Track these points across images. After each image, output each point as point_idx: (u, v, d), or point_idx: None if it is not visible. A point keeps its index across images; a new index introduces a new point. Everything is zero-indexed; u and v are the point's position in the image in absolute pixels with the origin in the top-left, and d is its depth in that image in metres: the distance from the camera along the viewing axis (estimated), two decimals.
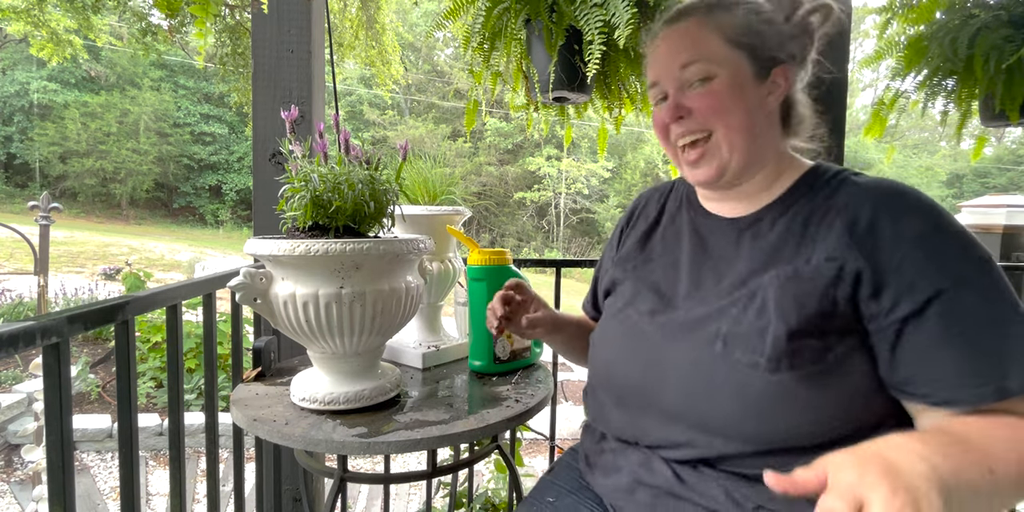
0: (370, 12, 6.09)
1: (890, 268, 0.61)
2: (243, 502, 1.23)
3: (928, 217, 0.62)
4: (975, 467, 0.50)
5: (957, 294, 0.58)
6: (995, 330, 0.57)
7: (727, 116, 0.69)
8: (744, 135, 0.70)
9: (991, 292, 0.59)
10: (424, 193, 1.20)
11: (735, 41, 0.69)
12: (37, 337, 0.67)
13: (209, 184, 19.51)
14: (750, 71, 0.69)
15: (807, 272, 0.64)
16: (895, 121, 1.68)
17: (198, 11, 0.97)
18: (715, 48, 0.69)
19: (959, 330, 0.58)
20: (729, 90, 0.69)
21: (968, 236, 0.62)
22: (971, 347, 0.57)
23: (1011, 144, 21.90)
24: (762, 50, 0.70)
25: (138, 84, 18.33)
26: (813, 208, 0.68)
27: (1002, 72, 1.33)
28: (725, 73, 0.69)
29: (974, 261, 0.60)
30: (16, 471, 3.84)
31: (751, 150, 0.71)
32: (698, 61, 0.69)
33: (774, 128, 0.73)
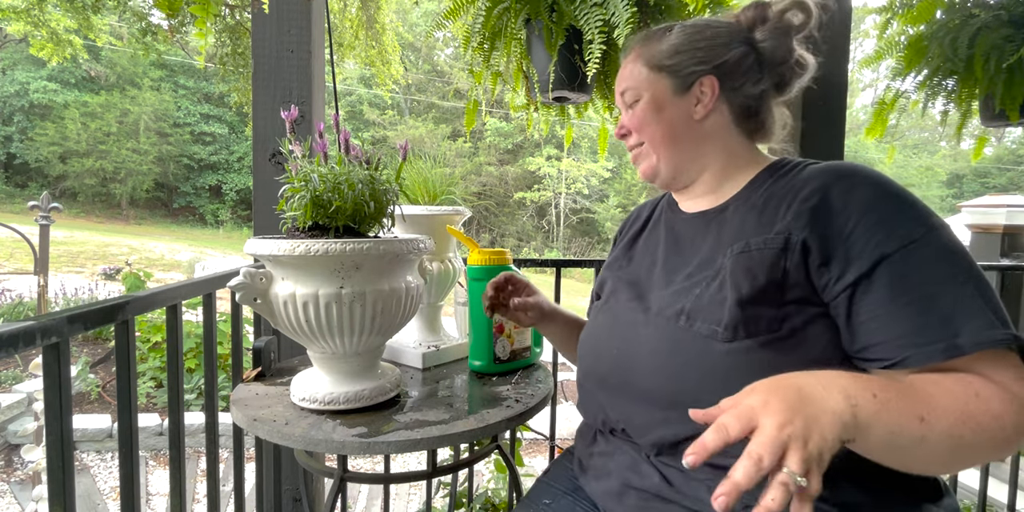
0: (370, 12, 6.09)
1: (837, 236, 0.63)
2: (243, 502, 1.23)
3: (876, 187, 0.64)
4: (904, 412, 0.51)
5: (905, 256, 0.60)
6: (945, 289, 0.58)
7: (648, 130, 0.79)
8: (666, 144, 0.79)
9: (941, 253, 0.59)
10: (424, 193, 1.20)
11: (656, 65, 0.78)
12: (37, 337, 0.67)
13: (209, 184, 19.51)
14: (669, 88, 0.78)
15: (756, 244, 0.67)
16: (895, 121, 1.68)
17: (198, 11, 0.97)
18: (639, 75, 0.80)
19: (907, 290, 0.59)
20: (648, 108, 0.79)
21: (917, 203, 0.63)
22: (920, 307, 0.58)
23: (1011, 144, 21.90)
24: (682, 68, 0.77)
25: (138, 84, 18.34)
26: (773, 192, 0.71)
27: (1002, 72, 1.33)
28: (647, 94, 0.79)
29: (923, 224, 0.61)
30: (16, 471, 3.84)
31: (676, 155, 0.79)
32: (628, 89, 0.81)
33: (716, 134, 0.78)
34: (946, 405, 0.52)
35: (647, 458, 0.72)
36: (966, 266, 0.59)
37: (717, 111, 0.78)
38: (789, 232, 0.65)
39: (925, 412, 0.51)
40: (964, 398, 0.53)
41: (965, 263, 0.59)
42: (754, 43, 0.77)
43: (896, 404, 0.51)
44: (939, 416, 0.52)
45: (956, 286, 0.58)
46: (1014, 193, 6.89)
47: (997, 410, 0.53)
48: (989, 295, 0.58)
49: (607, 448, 0.79)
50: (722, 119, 0.78)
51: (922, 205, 0.63)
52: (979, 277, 0.59)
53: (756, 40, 0.77)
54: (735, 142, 0.79)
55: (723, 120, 0.78)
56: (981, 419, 0.52)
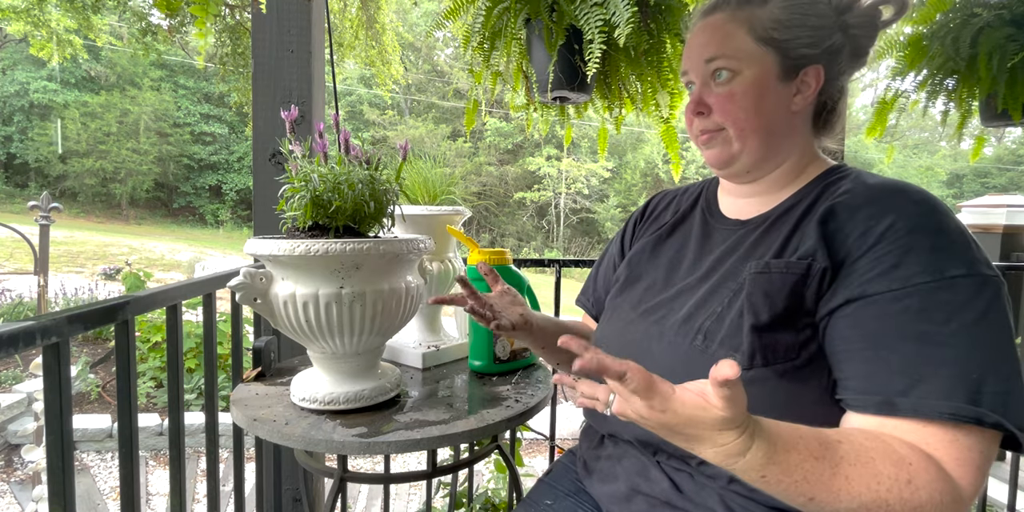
0: (370, 12, 6.09)
1: (847, 265, 0.59)
2: (243, 502, 1.23)
3: (911, 217, 0.57)
4: (792, 492, 0.50)
5: (888, 301, 0.55)
6: (911, 347, 0.53)
7: (742, 117, 0.68)
8: (757, 136, 0.68)
9: (934, 312, 0.53)
10: (424, 193, 1.20)
11: (763, 37, 0.66)
12: (37, 337, 0.66)
13: (209, 184, 19.51)
14: (776, 70, 0.67)
15: (778, 267, 0.62)
16: (895, 121, 1.67)
17: (198, 11, 0.97)
18: (740, 44, 0.67)
19: (867, 334, 0.56)
20: (749, 90, 0.67)
21: (953, 246, 0.56)
22: (876, 354, 0.55)
23: (1011, 144, 21.90)
24: (793, 48, 0.66)
25: (138, 84, 18.33)
26: (812, 208, 0.66)
27: (1005, 71, 1.33)
28: (749, 71, 0.67)
29: (936, 272, 0.54)
30: (16, 471, 3.84)
31: (763, 150, 0.69)
32: (721, 57, 0.68)
33: (800, 128, 0.70)
34: (856, 491, 0.49)
35: (657, 464, 0.70)
36: (954, 331, 0.52)
37: (810, 104, 0.70)
38: (812, 258, 0.61)
39: (818, 495, 0.49)
40: (889, 484, 0.49)
41: (957, 328, 0.53)
42: (847, 29, 0.68)
43: (785, 485, 0.49)
44: (836, 500, 0.49)
45: (924, 346, 0.53)
46: (1014, 193, 6.89)
47: (920, 501, 0.49)
48: (973, 367, 0.52)
49: (615, 452, 0.77)
50: (808, 113, 0.71)
51: (961, 249, 0.55)
52: (982, 346, 0.52)
53: (849, 25, 0.68)
54: (808, 140, 0.72)
55: (808, 114, 0.71)
56: (895, 508, 0.49)
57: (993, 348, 0.52)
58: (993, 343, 0.53)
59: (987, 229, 2.79)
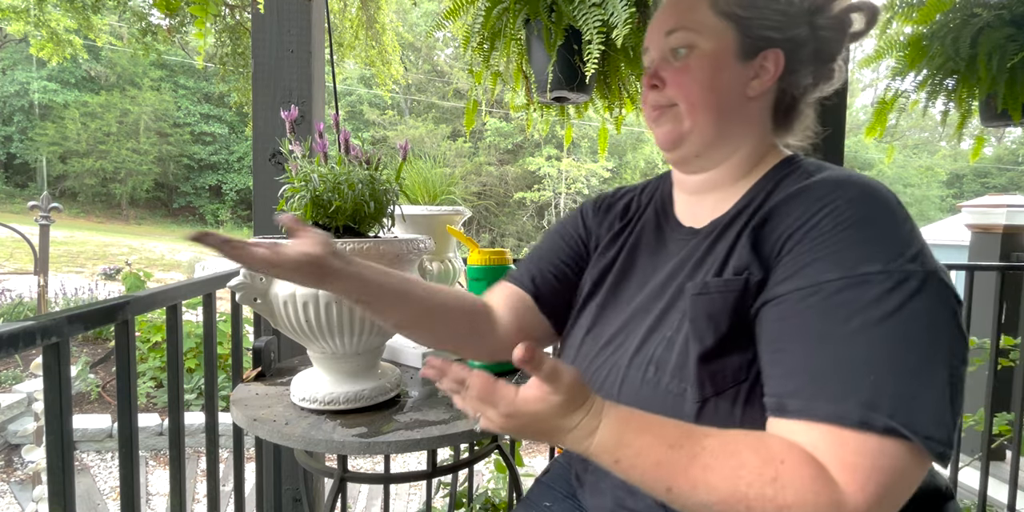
0: (370, 12, 6.09)
1: (771, 269, 0.56)
2: (243, 502, 1.23)
3: (840, 212, 0.54)
4: (648, 479, 0.49)
5: (794, 301, 0.53)
6: (806, 347, 0.51)
7: (693, 91, 0.65)
8: (707, 113, 0.65)
9: (837, 310, 0.50)
10: (424, 193, 1.20)
11: (725, 11, 0.64)
12: (37, 337, 0.66)
13: (209, 184, 19.52)
14: (734, 47, 0.64)
15: (717, 286, 0.59)
16: (895, 121, 1.68)
17: (198, 11, 0.97)
18: (701, 17, 0.65)
19: (771, 335, 0.54)
20: (704, 64, 0.64)
21: (880, 242, 0.51)
22: (775, 356, 0.53)
23: (1011, 144, 21.91)
24: (755, 26, 0.64)
25: (138, 84, 18.34)
26: (758, 212, 0.62)
27: (1005, 71, 1.33)
28: (706, 45, 0.64)
29: (847, 271, 0.51)
30: (16, 471, 3.84)
31: (713, 130, 0.66)
32: (681, 29, 0.66)
33: (756, 118, 0.67)
34: (714, 483, 0.47)
35: None
36: (867, 326, 0.48)
37: (767, 93, 0.67)
38: (748, 271, 0.57)
39: (675, 484, 0.48)
40: (751, 479, 0.47)
41: (870, 323, 0.48)
42: (815, 28, 0.66)
43: (640, 471, 0.49)
44: (694, 490, 0.48)
45: (827, 345, 0.49)
46: (1014, 193, 6.89)
47: (786, 501, 0.46)
48: (872, 367, 0.47)
49: (600, 465, 0.75)
50: (766, 104, 0.67)
51: (888, 244, 0.51)
52: (886, 345, 0.48)
53: (818, 26, 0.66)
54: (766, 133, 0.69)
55: (766, 104, 0.68)
56: (754, 505, 0.46)
57: (902, 348, 0.47)
58: (903, 343, 0.48)
59: (987, 229, 2.79)
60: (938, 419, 0.46)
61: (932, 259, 0.51)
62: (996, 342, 1.84)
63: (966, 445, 2.26)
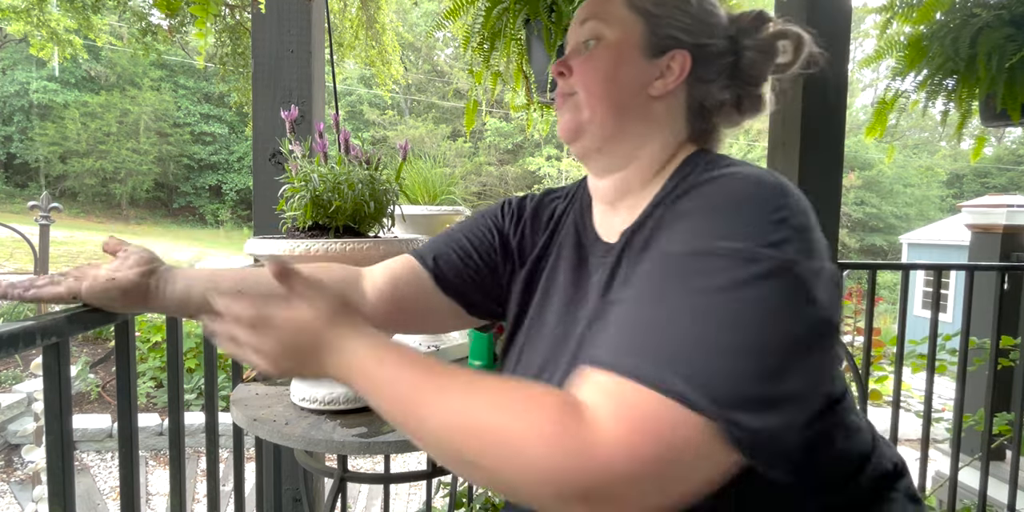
0: (370, 12, 6.09)
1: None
2: (243, 502, 1.23)
3: (719, 196, 0.52)
4: (387, 398, 0.49)
5: (641, 271, 0.51)
6: (616, 319, 0.48)
7: (593, 80, 0.64)
8: (605, 105, 0.64)
9: (678, 276, 0.47)
10: (424, 193, 1.20)
11: (636, 5, 0.64)
12: (37, 337, 0.66)
13: (209, 184, 19.52)
14: (640, 42, 0.64)
15: (605, 312, 0.56)
16: (895, 121, 1.68)
17: (198, 11, 0.97)
18: (613, 8, 0.65)
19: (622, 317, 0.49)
20: (607, 54, 0.64)
21: (740, 232, 0.47)
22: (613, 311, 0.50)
23: (1011, 144, 21.92)
24: (664, 25, 0.64)
25: (138, 84, 18.35)
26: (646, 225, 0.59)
27: (1004, 71, 1.33)
28: (612, 36, 0.64)
29: (705, 245, 0.48)
30: (16, 471, 3.84)
31: (612, 123, 0.64)
32: (592, 18, 0.66)
33: (662, 119, 0.65)
34: (451, 404, 0.45)
35: None
36: (680, 296, 0.45)
37: (674, 97, 0.65)
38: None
39: (414, 400, 0.47)
40: (492, 404, 0.44)
41: (688, 292, 0.45)
42: (739, 47, 0.67)
43: (379, 383, 0.49)
44: (431, 411, 0.46)
45: (630, 308, 0.48)
46: (1014, 193, 6.89)
47: (522, 434, 0.41)
48: (703, 345, 0.42)
49: None
50: (675, 109, 0.65)
51: (757, 229, 0.47)
52: (697, 318, 0.43)
53: (742, 45, 0.67)
54: (676, 136, 0.66)
55: (676, 110, 0.65)
56: (488, 436, 0.43)
57: (727, 326, 0.43)
58: (730, 320, 0.43)
59: (987, 229, 2.79)
60: (744, 404, 0.40)
61: (800, 253, 0.47)
62: (996, 342, 1.84)
63: (966, 445, 2.26)
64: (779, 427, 0.40)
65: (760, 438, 0.40)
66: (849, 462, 0.57)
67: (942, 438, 3.15)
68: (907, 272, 1.89)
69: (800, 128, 1.64)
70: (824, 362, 0.46)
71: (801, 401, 0.43)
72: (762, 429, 0.40)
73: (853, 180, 19.91)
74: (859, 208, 20.14)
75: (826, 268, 0.48)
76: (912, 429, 4.54)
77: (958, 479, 1.84)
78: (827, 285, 0.47)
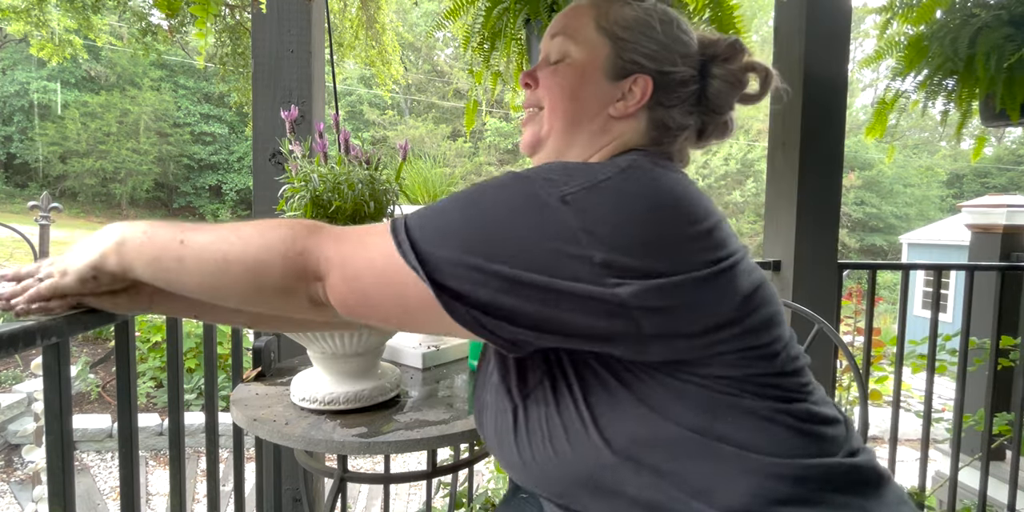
0: (370, 12, 6.09)
1: None
2: (243, 502, 1.23)
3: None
4: (164, 240, 0.57)
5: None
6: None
7: (556, 96, 0.67)
8: (563, 120, 0.67)
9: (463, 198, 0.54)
10: (424, 193, 1.20)
11: (604, 28, 0.66)
12: (37, 337, 0.66)
13: (209, 184, 19.51)
14: (604, 64, 0.66)
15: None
16: (895, 121, 1.68)
17: (198, 11, 0.97)
18: (582, 27, 0.67)
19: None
20: (571, 72, 0.67)
21: (565, 177, 0.52)
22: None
23: (1011, 144, 21.91)
24: (629, 49, 0.66)
25: (138, 84, 18.34)
26: None
27: (1003, 71, 1.33)
28: (578, 55, 0.67)
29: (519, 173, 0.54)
30: (16, 471, 3.84)
31: (566, 138, 0.67)
32: (561, 35, 0.68)
33: (622, 139, 0.67)
34: (220, 230, 0.56)
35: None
36: (468, 200, 0.53)
37: (634, 118, 0.66)
38: None
39: (187, 236, 0.56)
40: (243, 226, 0.56)
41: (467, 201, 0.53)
42: (707, 75, 0.68)
43: (163, 234, 0.57)
44: (201, 237, 0.56)
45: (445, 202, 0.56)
46: (1014, 193, 6.89)
47: (267, 226, 0.56)
48: (443, 213, 0.53)
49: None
50: (634, 128, 0.67)
51: (568, 177, 0.52)
52: (468, 208, 0.52)
53: (710, 74, 0.68)
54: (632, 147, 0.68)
55: (636, 130, 0.67)
56: (240, 236, 0.55)
57: (467, 199, 0.53)
58: (474, 196, 0.53)
59: (987, 229, 2.79)
60: (431, 252, 0.50)
61: (574, 196, 0.50)
62: (996, 342, 1.84)
63: (966, 445, 2.26)
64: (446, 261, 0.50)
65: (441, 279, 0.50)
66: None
67: (942, 438, 3.15)
68: (907, 272, 1.89)
69: (800, 128, 1.64)
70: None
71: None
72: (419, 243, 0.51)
73: (853, 180, 19.91)
74: (859, 208, 20.14)
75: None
76: (912, 429, 4.54)
77: (958, 479, 1.84)
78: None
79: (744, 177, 18.57)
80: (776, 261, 1.75)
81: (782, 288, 1.75)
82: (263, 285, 0.55)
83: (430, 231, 0.51)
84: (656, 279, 0.49)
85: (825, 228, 1.70)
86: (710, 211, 0.55)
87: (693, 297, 0.50)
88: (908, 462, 3.18)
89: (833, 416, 0.59)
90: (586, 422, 0.55)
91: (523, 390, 0.60)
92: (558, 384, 0.57)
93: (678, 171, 0.62)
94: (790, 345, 0.58)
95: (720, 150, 17.73)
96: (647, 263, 0.49)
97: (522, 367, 0.60)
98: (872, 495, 0.56)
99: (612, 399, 0.55)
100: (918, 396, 2.35)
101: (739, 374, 0.54)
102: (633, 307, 0.49)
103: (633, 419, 0.54)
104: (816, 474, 0.53)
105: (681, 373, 0.53)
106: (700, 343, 0.52)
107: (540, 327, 0.51)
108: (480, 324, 0.50)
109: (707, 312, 0.51)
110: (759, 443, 0.53)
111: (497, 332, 0.51)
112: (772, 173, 1.77)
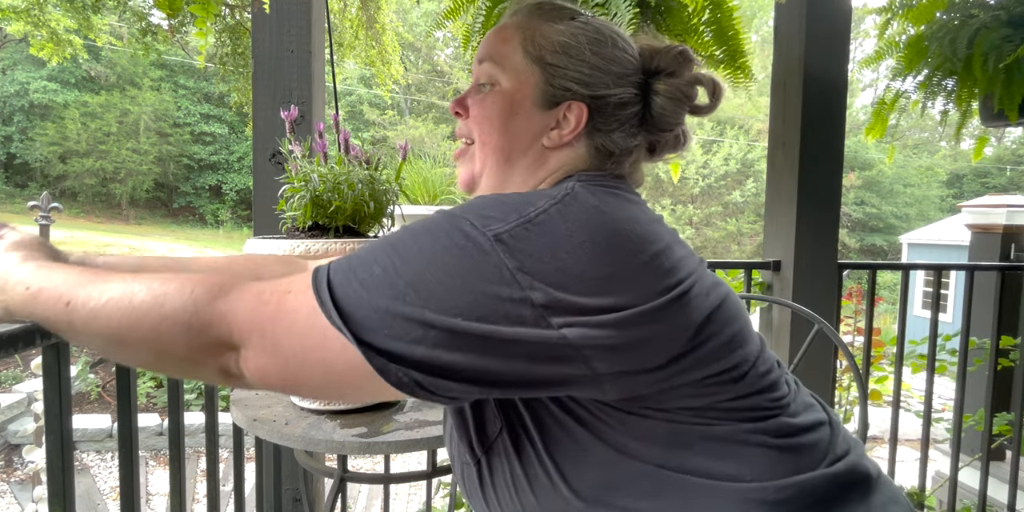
0: (370, 12, 6.09)
1: None
2: (243, 502, 1.23)
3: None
4: (52, 299, 0.51)
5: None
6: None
7: (485, 130, 0.63)
8: (495, 156, 0.63)
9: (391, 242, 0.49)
10: (424, 193, 1.20)
11: (532, 54, 0.61)
12: (37, 337, 0.66)
13: (209, 184, 19.51)
14: (534, 93, 0.61)
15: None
16: (895, 121, 1.68)
17: (198, 11, 0.97)
18: (510, 53, 0.62)
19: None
20: (499, 103, 0.62)
21: (496, 214, 0.48)
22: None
23: (1011, 144, 21.92)
24: (559, 76, 0.61)
25: (138, 84, 18.33)
26: None
27: (1001, 72, 1.34)
28: (507, 84, 0.62)
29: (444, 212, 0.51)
30: (16, 471, 3.84)
31: (500, 176, 0.63)
32: (488, 60, 0.64)
33: (561, 169, 0.62)
34: (110, 288, 0.49)
35: None
36: (395, 246, 0.48)
37: (571, 147, 0.62)
38: None
39: (74, 298, 0.49)
40: (147, 281, 0.49)
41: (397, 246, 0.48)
42: (649, 92, 0.63)
43: (47, 293, 0.51)
44: (89, 301, 0.49)
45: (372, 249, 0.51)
46: (1014, 193, 6.89)
47: (170, 289, 0.48)
48: (367, 262, 0.47)
49: None
50: (573, 157, 0.62)
51: (499, 214, 0.48)
52: (401, 254, 0.47)
53: (653, 90, 0.63)
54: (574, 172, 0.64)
55: (575, 158, 0.62)
56: (141, 297, 0.48)
57: (386, 246, 0.49)
58: (393, 244, 0.49)
59: (987, 229, 2.79)
60: (356, 308, 0.45)
61: (508, 234, 0.46)
62: (996, 342, 1.85)
63: (966, 445, 2.26)
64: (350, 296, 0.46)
65: (359, 327, 0.45)
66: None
67: (942, 438, 3.15)
68: (907, 272, 1.89)
69: (800, 128, 1.64)
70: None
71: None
72: (365, 325, 0.45)
73: (853, 180, 19.90)
74: (859, 208, 20.14)
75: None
76: (912, 429, 4.54)
77: (958, 479, 1.84)
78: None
79: (744, 177, 18.56)
80: (776, 261, 1.75)
81: (782, 288, 1.75)
82: (165, 358, 0.50)
83: (355, 284, 0.46)
84: (603, 315, 0.46)
85: (825, 228, 1.70)
86: (658, 236, 0.52)
87: (645, 331, 0.47)
88: (908, 462, 3.18)
89: (813, 421, 0.57)
90: (550, 473, 0.53)
91: (484, 443, 0.57)
92: (517, 433, 0.55)
93: (625, 192, 0.58)
94: (759, 361, 0.55)
95: (720, 150, 17.73)
96: (592, 300, 0.46)
97: (480, 419, 0.57)
98: (858, 501, 0.54)
99: (574, 444, 0.52)
100: (918, 396, 2.35)
101: (703, 404, 0.51)
102: (583, 347, 0.45)
103: (597, 463, 0.52)
104: (794, 494, 0.51)
105: (642, 409, 0.51)
106: (658, 376, 0.49)
107: (486, 380, 0.46)
108: (419, 385, 0.45)
109: (661, 345, 0.49)
110: (732, 470, 0.51)
111: (438, 392, 0.46)
112: (772, 173, 1.78)
